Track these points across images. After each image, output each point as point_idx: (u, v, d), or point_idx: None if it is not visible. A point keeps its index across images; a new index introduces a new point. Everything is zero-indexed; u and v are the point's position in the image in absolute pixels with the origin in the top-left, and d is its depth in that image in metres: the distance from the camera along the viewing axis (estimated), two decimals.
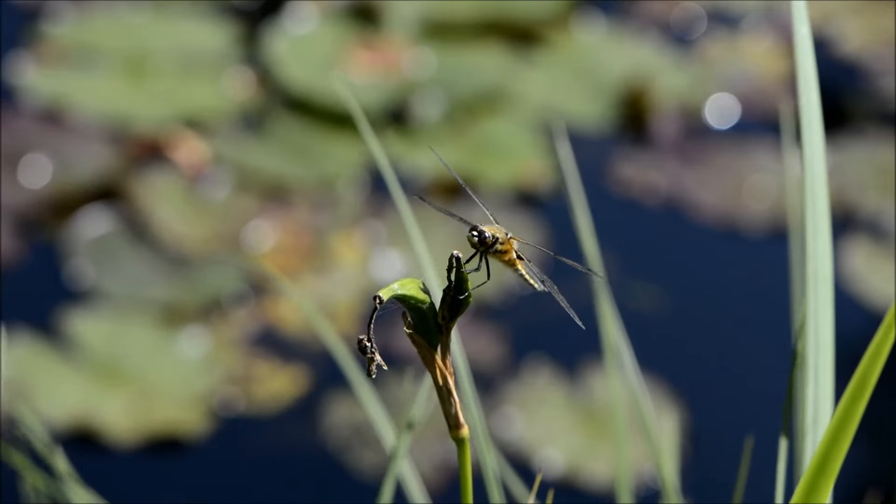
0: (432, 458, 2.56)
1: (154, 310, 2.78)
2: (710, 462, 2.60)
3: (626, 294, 2.88)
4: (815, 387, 0.88)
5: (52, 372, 2.66)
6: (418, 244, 1.03)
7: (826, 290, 0.89)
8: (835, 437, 0.75)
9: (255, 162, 3.09)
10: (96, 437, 2.60)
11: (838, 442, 0.75)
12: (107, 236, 2.89)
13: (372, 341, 0.81)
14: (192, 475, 2.58)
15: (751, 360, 2.80)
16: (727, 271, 3.04)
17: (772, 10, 3.61)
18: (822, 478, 0.77)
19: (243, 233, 2.94)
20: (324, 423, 2.62)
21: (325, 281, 2.85)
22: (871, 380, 0.73)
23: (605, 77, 3.37)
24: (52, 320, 2.74)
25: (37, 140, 3.08)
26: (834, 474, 0.76)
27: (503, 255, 0.85)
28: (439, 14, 3.46)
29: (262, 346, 2.74)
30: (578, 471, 2.60)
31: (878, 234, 3.05)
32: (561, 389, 2.69)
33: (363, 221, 2.97)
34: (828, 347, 0.88)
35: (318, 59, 3.30)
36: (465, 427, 0.83)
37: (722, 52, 3.49)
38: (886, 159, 3.21)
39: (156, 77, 3.26)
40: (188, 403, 2.64)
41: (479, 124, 3.23)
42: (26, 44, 3.30)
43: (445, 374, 0.82)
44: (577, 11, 3.52)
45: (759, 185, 3.15)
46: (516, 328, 2.80)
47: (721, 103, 3.35)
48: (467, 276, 0.81)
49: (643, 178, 3.17)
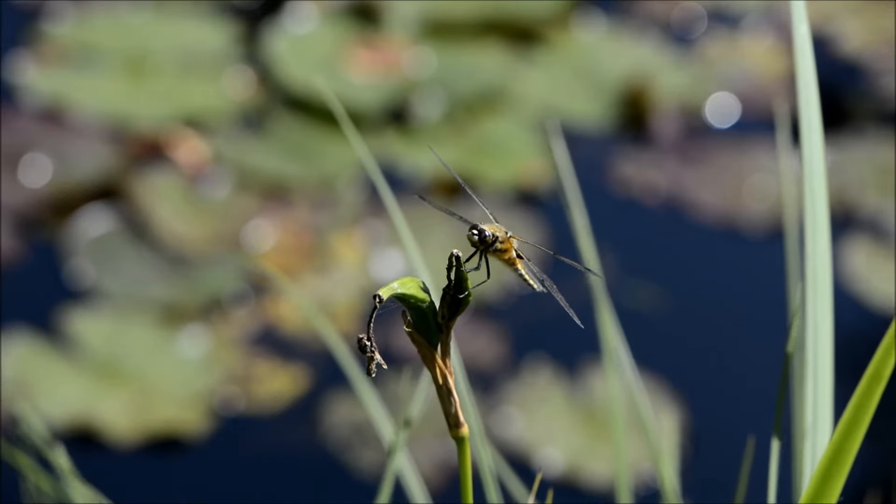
0: (432, 457, 2.56)
1: (154, 309, 2.78)
2: (709, 462, 2.60)
3: (625, 293, 2.88)
4: (814, 388, 0.88)
5: (53, 371, 2.66)
6: (411, 247, 1.03)
7: (825, 289, 0.89)
8: (842, 443, 0.75)
9: (255, 161, 3.09)
10: (96, 436, 2.60)
11: (846, 448, 0.75)
12: (107, 236, 2.89)
13: (372, 340, 0.81)
14: (192, 475, 2.58)
15: (750, 359, 2.80)
16: (727, 271, 3.04)
17: (772, 9, 3.61)
18: (830, 482, 0.77)
19: (243, 232, 2.94)
20: (324, 422, 2.62)
21: (325, 280, 2.85)
22: (882, 379, 0.73)
23: (605, 76, 3.37)
24: (52, 320, 2.74)
25: (37, 139, 3.08)
26: (843, 477, 0.76)
27: (503, 253, 0.85)
28: (439, 13, 3.46)
29: (262, 346, 2.74)
30: (578, 470, 2.60)
31: (878, 233, 3.05)
32: (561, 389, 2.69)
33: (363, 221, 2.97)
34: (827, 348, 0.88)
35: (318, 59, 3.30)
36: (465, 426, 0.83)
37: (722, 51, 3.50)
38: (886, 159, 3.21)
39: (156, 77, 3.26)
40: (188, 403, 2.64)
41: (479, 124, 3.23)
42: (27, 43, 3.31)
43: (445, 372, 0.82)
44: (577, 11, 3.52)
45: (759, 184, 3.15)
46: (516, 327, 2.80)
47: (721, 103, 3.35)
48: (467, 274, 0.81)
49: (643, 177, 3.17)
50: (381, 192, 1.08)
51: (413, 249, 1.05)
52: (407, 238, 1.04)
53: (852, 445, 0.75)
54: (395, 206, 1.07)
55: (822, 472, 0.76)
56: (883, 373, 0.73)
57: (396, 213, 1.06)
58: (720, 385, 2.77)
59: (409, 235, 1.05)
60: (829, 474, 0.76)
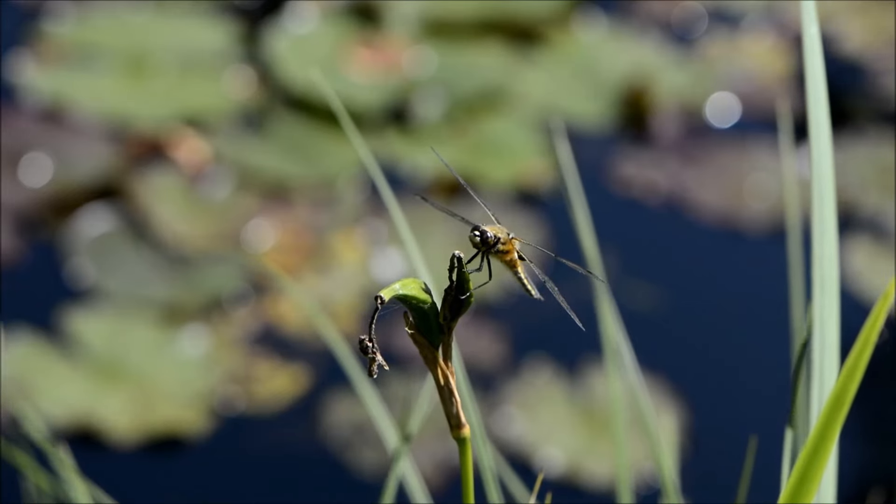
0: (433, 457, 2.56)
1: (154, 309, 2.78)
2: (710, 461, 2.60)
3: (626, 293, 2.88)
4: (819, 389, 0.87)
5: (53, 371, 2.66)
6: (411, 247, 1.03)
7: (832, 292, 0.89)
8: (820, 438, 0.75)
9: (256, 161, 3.09)
10: (96, 435, 2.60)
11: (824, 442, 0.75)
12: (107, 235, 2.89)
13: (373, 341, 0.81)
14: (193, 474, 2.58)
15: (751, 359, 2.80)
16: (727, 270, 3.04)
17: (772, 9, 3.61)
18: (808, 480, 0.77)
19: (244, 232, 2.94)
20: (324, 422, 2.62)
21: (325, 280, 2.85)
22: (855, 379, 0.73)
23: (605, 76, 3.37)
24: (52, 319, 2.74)
25: (37, 139, 3.08)
26: (820, 473, 0.76)
27: (505, 255, 0.85)
28: (440, 13, 3.46)
29: (262, 345, 2.74)
30: (579, 470, 2.60)
31: (878, 233, 3.05)
32: (561, 388, 2.69)
33: (364, 220, 2.97)
34: (833, 349, 0.88)
35: (318, 59, 3.30)
36: (466, 427, 0.83)
37: (723, 51, 3.49)
38: (887, 158, 3.21)
39: (156, 76, 3.26)
40: (188, 402, 2.64)
41: (480, 123, 3.23)
42: (27, 43, 3.30)
43: (447, 373, 0.82)
44: (577, 10, 3.52)
45: (760, 184, 3.15)
46: (516, 327, 2.80)
47: (722, 102, 3.35)
48: (469, 276, 0.81)
49: (644, 177, 3.17)
50: (382, 191, 1.07)
51: (414, 249, 1.05)
52: (408, 238, 1.04)
53: (827, 446, 0.75)
54: (395, 205, 1.07)
55: (800, 472, 0.76)
56: (855, 374, 0.73)
57: (397, 213, 1.06)
58: (721, 385, 2.77)
59: (409, 235, 1.04)
60: (805, 476, 0.76)
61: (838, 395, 0.71)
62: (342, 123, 0.96)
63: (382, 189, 1.07)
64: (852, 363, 0.71)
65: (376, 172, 1.08)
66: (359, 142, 1.07)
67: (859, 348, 0.71)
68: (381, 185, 1.08)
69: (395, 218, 1.05)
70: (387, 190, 1.08)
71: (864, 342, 0.71)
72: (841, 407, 0.72)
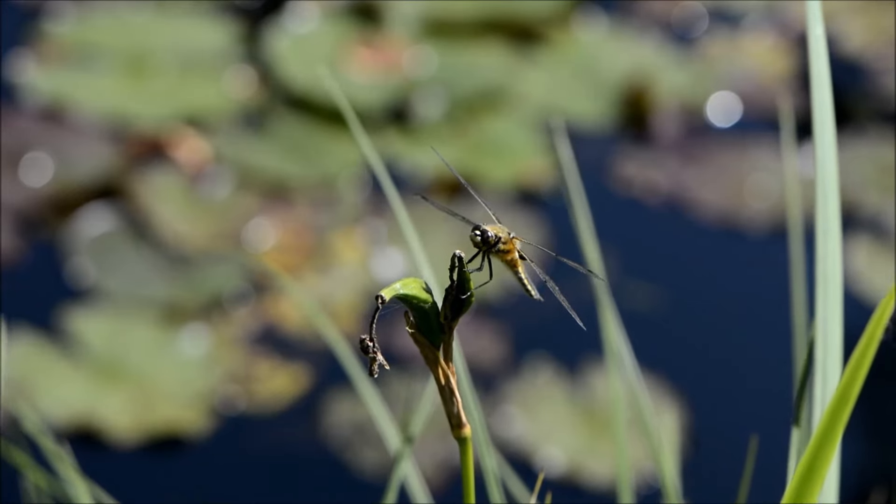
0: (434, 457, 2.56)
1: (155, 308, 2.78)
2: (710, 461, 2.60)
3: (626, 293, 2.88)
4: (822, 388, 0.87)
5: (53, 370, 2.66)
6: (413, 246, 1.03)
7: (836, 291, 0.88)
8: (823, 438, 0.75)
9: (256, 161, 3.09)
10: (97, 435, 2.60)
11: (827, 442, 0.75)
12: (107, 235, 2.89)
13: (374, 341, 0.80)
14: (193, 474, 2.58)
15: (751, 358, 2.80)
16: (728, 270, 3.04)
17: (773, 8, 3.61)
18: (811, 480, 0.76)
19: (244, 231, 2.94)
20: (325, 421, 2.62)
21: (326, 279, 2.85)
22: (861, 374, 0.73)
23: (606, 76, 3.37)
24: (52, 319, 2.74)
25: (38, 139, 3.08)
26: (823, 473, 0.76)
27: (506, 254, 0.84)
28: (440, 13, 3.45)
29: (262, 345, 2.74)
30: (579, 470, 2.60)
31: (879, 232, 3.05)
32: (562, 388, 2.69)
33: (364, 220, 2.97)
34: (836, 349, 0.88)
35: (319, 59, 3.30)
36: (467, 426, 0.83)
37: (723, 50, 3.49)
38: (887, 158, 3.21)
39: (156, 76, 3.26)
40: (189, 402, 2.64)
41: (480, 123, 3.23)
42: (27, 42, 3.30)
43: (448, 373, 0.82)
44: (578, 10, 3.52)
45: (761, 183, 3.15)
46: (517, 327, 2.80)
47: (722, 102, 3.35)
48: (470, 275, 0.81)
49: (644, 176, 3.17)
50: (385, 190, 1.07)
51: (417, 248, 1.05)
52: (409, 237, 1.04)
53: (831, 446, 0.75)
54: (398, 204, 1.07)
55: (803, 472, 0.76)
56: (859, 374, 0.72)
57: (400, 212, 1.06)
58: (721, 384, 2.77)
59: (411, 234, 1.04)
60: (808, 475, 0.76)
61: (842, 394, 0.71)
62: (346, 122, 0.96)
63: (386, 187, 1.07)
64: (856, 362, 0.71)
65: (380, 170, 1.08)
66: (363, 139, 1.07)
67: (863, 347, 0.71)
68: (384, 183, 1.07)
69: (398, 216, 1.05)
70: (390, 188, 1.07)
71: (868, 341, 0.70)
72: (844, 406, 0.71)
